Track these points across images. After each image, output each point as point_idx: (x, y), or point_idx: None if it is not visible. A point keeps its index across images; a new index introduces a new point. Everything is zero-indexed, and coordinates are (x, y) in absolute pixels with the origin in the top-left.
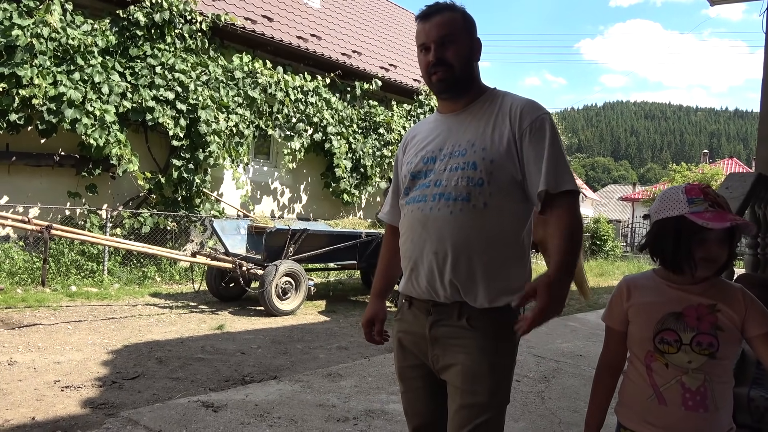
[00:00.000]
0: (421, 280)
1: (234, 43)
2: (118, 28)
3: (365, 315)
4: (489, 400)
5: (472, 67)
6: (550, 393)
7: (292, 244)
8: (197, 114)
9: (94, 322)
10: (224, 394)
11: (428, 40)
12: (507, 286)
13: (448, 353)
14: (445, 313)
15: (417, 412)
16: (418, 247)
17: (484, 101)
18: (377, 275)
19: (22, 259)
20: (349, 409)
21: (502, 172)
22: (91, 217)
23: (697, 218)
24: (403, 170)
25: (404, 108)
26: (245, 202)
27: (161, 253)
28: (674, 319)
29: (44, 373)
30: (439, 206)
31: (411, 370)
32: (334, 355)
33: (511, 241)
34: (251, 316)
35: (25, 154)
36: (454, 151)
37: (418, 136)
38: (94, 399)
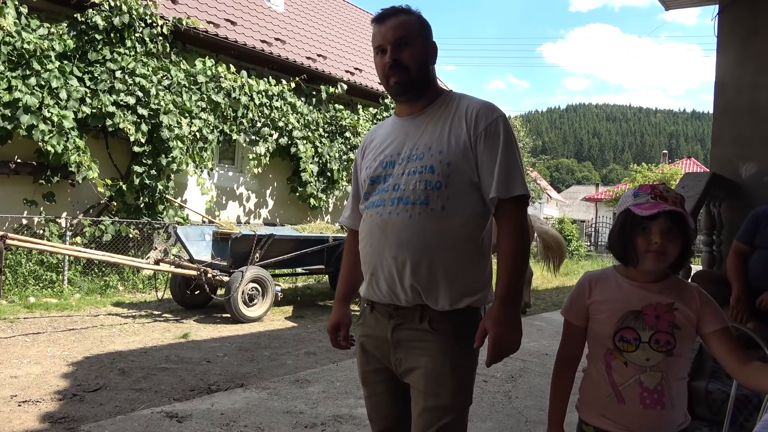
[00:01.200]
0: (381, 284)
1: (196, 47)
2: (76, 32)
3: (330, 320)
4: (451, 402)
5: (428, 70)
6: (517, 392)
7: (259, 249)
8: (159, 119)
9: (53, 333)
10: (189, 404)
11: (384, 42)
12: (468, 287)
13: (411, 356)
14: (406, 316)
15: (381, 416)
16: (377, 252)
17: (441, 104)
18: (341, 280)
19: None
20: (317, 414)
21: (460, 174)
22: (49, 225)
23: (636, 209)
24: (362, 175)
25: (370, 111)
26: (210, 208)
27: (123, 262)
28: (634, 318)
29: (0, 387)
30: (398, 210)
31: (374, 375)
32: (301, 360)
33: (471, 243)
34: (217, 324)
35: None
36: (412, 155)
37: (376, 140)
38: (54, 413)
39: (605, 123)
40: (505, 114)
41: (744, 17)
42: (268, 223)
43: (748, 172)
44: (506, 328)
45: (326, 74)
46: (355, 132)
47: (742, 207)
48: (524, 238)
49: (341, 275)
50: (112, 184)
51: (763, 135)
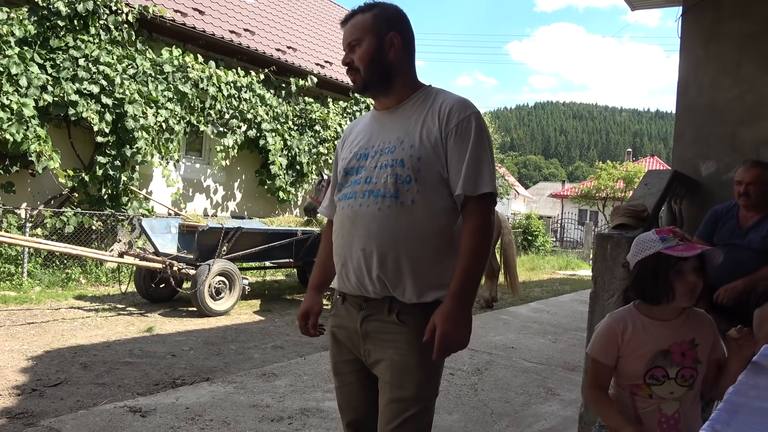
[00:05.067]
0: (350, 276)
1: (163, 36)
2: (38, 18)
3: (301, 308)
4: (417, 394)
5: (387, 65)
6: (483, 385)
7: (226, 242)
8: (124, 109)
9: (12, 327)
10: (153, 398)
11: (343, 46)
12: (436, 281)
13: (378, 348)
14: (375, 308)
15: (351, 407)
16: (347, 244)
17: (418, 99)
18: (315, 269)
19: None
20: (284, 408)
21: (430, 169)
22: (8, 216)
23: (672, 251)
24: (339, 166)
25: (340, 105)
26: (176, 200)
27: (86, 254)
28: (662, 357)
29: None
30: (368, 203)
31: (345, 365)
32: (269, 354)
33: (440, 237)
34: (183, 318)
35: None
36: (384, 148)
37: (354, 132)
38: (12, 408)
39: (572, 121)
40: (480, 112)
41: (705, 20)
42: (236, 216)
43: (708, 170)
44: (453, 324)
45: (296, 66)
46: (325, 125)
47: (702, 204)
48: (485, 237)
49: (316, 265)
50: (75, 175)
51: (721, 135)
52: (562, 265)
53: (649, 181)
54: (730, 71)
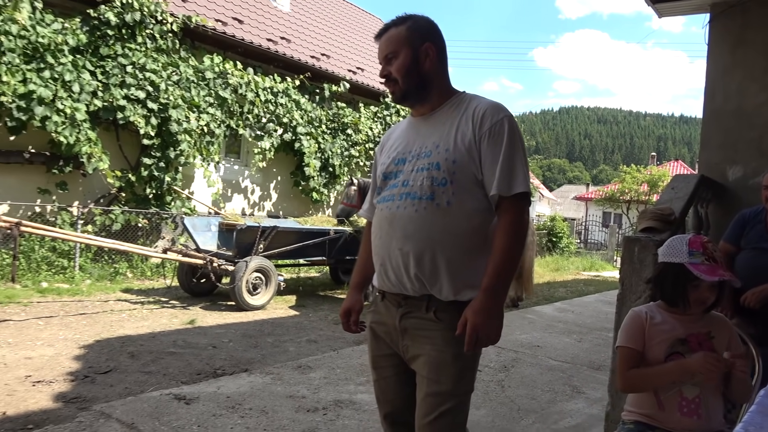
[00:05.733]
0: (390, 274)
1: (205, 44)
2: (89, 28)
3: (343, 306)
4: (453, 389)
5: (423, 75)
6: (509, 381)
7: (262, 240)
8: (168, 113)
9: (65, 317)
10: (196, 387)
11: (379, 59)
12: (471, 280)
13: (416, 344)
14: (414, 305)
15: (388, 399)
16: (385, 244)
17: (452, 105)
18: (356, 269)
19: None
20: (319, 399)
21: (465, 172)
22: (62, 214)
23: (693, 269)
24: (378, 171)
25: (371, 110)
26: (216, 199)
27: (133, 250)
28: (680, 344)
29: (15, 368)
30: (405, 205)
31: (383, 359)
32: (303, 347)
33: (475, 238)
34: (222, 311)
35: None
36: (421, 153)
37: (392, 138)
38: (66, 393)
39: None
40: (512, 115)
41: (733, 27)
42: (272, 216)
43: (735, 175)
44: (484, 318)
45: (329, 73)
46: (357, 129)
47: (728, 208)
48: (518, 236)
49: (357, 264)
50: (122, 175)
51: (748, 140)
52: (586, 266)
53: (676, 185)
54: (758, 77)
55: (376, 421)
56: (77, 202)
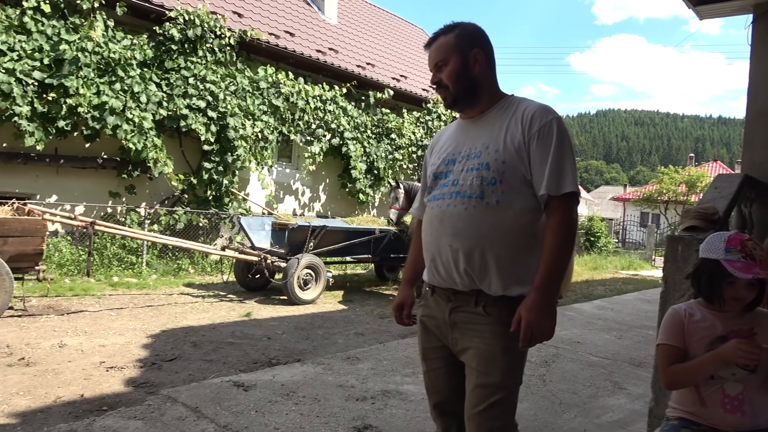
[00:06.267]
0: (440, 269)
1: (259, 56)
2: (155, 43)
3: (396, 300)
4: (502, 381)
5: (473, 80)
6: (550, 376)
7: (312, 239)
8: (226, 121)
9: (134, 309)
10: (253, 375)
11: (429, 67)
12: (520, 277)
13: (465, 337)
14: (463, 300)
15: (437, 390)
16: (436, 240)
17: (501, 107)
18: (407, 265)
19: (69, 252)
20: (367, 389)
21: (514, 172)
22: (130, 214)
23: (728, 265)
24: (428, 171)
25: (414, 115)
26: (269, 201)
27: (194, 247)
28: (720, 341)
29: (91, 354)
30: (455, 203)
31: (433, 351)
32: (351, 340)
33: (524, 235)
34: (275, 305)
35: (72, 157)
36: (471, 153)
37: (442, 140)
38: (136, 378)
39: (633, 127)
40: (560, 117)
41: None
42: (321, 216)
43: None
44: (538, 315)
45: (374, 81)
46: (400, 134)
47: None
48: (569, 234)
49: (408, 260)
50: (185, 179)
51: None
52: (624, 265)
53: (719, 184)
54: None
55: (423, 411)
56: (144, 203)
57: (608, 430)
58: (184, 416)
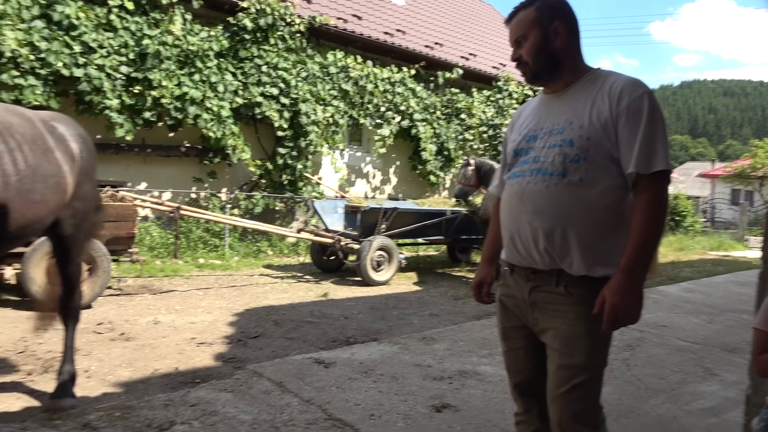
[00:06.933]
0: (519, 248)
1: (328, 41)
2: (230, 34)
3: (475, 278)
4: (586, 362)
5: (554, 54)
6: (635, 360)
7: (384, 221)
8: (298, 107)
9: (219, 289)
10: (333, 352)
11: (510, 42)
12: (604, 258)
13: (546, 317)
14: (543, 279)
15: (518, 370)
16: (515, 218)
17: (586, 81)
18: (486, 243)
19: (158, 236)
20: (444, 369)
21: (599, 149)
22: (212, 199)
23: None
24: (508, 148)
25: (484, 94)
26: (342, 184)
27: (272, 230)
28: None
29: (182, 331)
30: (535, 181)
31: (513, 331)
32: (426, 321)
33: (609, 215)
34: (351, 286)
35: (158, 147)
36: (553, 130)
37: (522, 116)
38: (224, 354)
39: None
40: (651, 90)
41: None
42: (392, 198)
43: None
44: (623, 298)
45: (443, 60)
46: (470, 113)
47: None
48: (658, 214)
49: (487, 239)
50: (261, 164)
51: None
52: (713, 245)
53: None
54: None
55: (501, 392)
56: (225, 188)
57: (700, 417)
58: (269, 390)
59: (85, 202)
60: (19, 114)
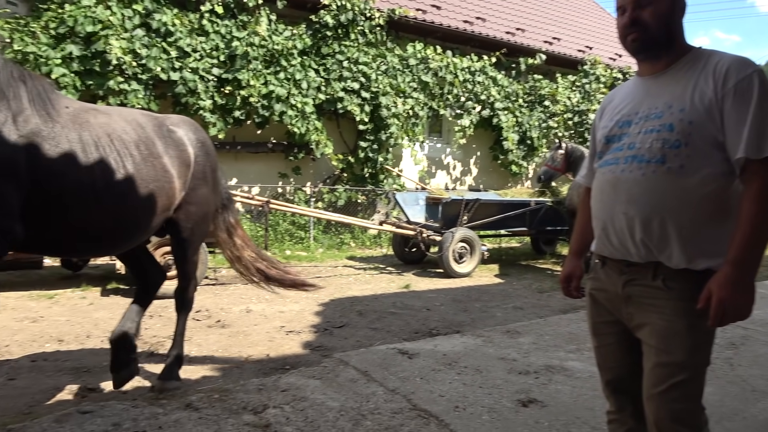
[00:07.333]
0: (612, 239)
1: (407, 33)
2: (312, 31)
3: (563, 271)
4: (685, 361)
5: (672, 26)
6: (739, 360)
7: (466, 212)
8: (379, 100)
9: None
10: (416, 344)
11: (625, 3)
12: (707, 249)
13: (642, 312)
14: (638, 272)
15: (610, 367)
16: (608, 208)
17: (687, 62)
18: (574, 235)
19: (248, 229)
20: (530, 363)
21: (702, 133)
22: (298, 193)
23: None
24: (599, 135)
25: (569, 79)
26: (422, 176)
27: (354, 223)
28: None
29: (272, 319)
30: (631, 168)
31: (604, 326)
32: (510, 314)
33: (712, 204)
34: (432, 278)
35: (247, 144)
36: (650, 114)
37: (614, 101)
38: (312, 342)
39: None
40: (762, 69)
41: None
42: (473, 189)
43: None
44: (731, 292)
45: (525, 46)
46: (554, 100)
47: None
48: None
49: (575, 231)
50: (343, 158)
51: None
52: None
53: None
54: None
55: (590, 389)
56: (309, 182)
57: None
58: (355, 378)
59: (200, 206)
60: (130, 119)
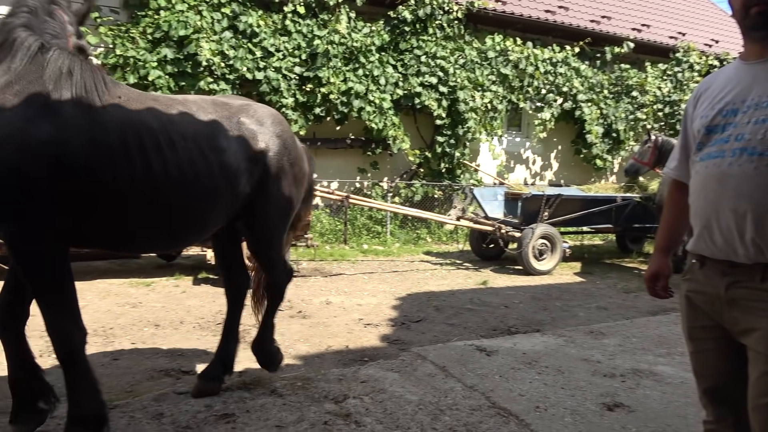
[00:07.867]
0: (716, 238)
1: (486, 26)
2: (390, 27)
3: (649, 270)
4: None
5: None
6: None
7: (547, 208)
8: (456, 95)
9: (382, 273)
10: (494, 341)
11: None
12: None
13: (749, 316)
14: (745, 273)
15: (708, 374)
16: (712, 205)
17: None
18: (661, 231)
19: (328, 223)
20: (615, 366)
21: None
22: (375, 188)
23: None
24: (696, 125)
25: (659, 68)
26: (500, 171)
27: (431, 218)
28: None
29: (351, 312)
30: (740, 162)
31: (702, 331)
32: (593, 314)
33: None
34: (510, 274)
35: (326, 140)
36: (762, 102)
37: (712, 87)
38: (389, 335)
39: None
40: None
41: None
42: (554, 184)
43: None
44: None
45: (611, 35)
46: (643, 90)
47: None
48: None
49: (662, 227)
50: (420, 153)
51: None
52: None
53: None
54: None
55: (682, 396)
56: (386, 177)
57: None
58: (433, 373)
59: (275, 202)
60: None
